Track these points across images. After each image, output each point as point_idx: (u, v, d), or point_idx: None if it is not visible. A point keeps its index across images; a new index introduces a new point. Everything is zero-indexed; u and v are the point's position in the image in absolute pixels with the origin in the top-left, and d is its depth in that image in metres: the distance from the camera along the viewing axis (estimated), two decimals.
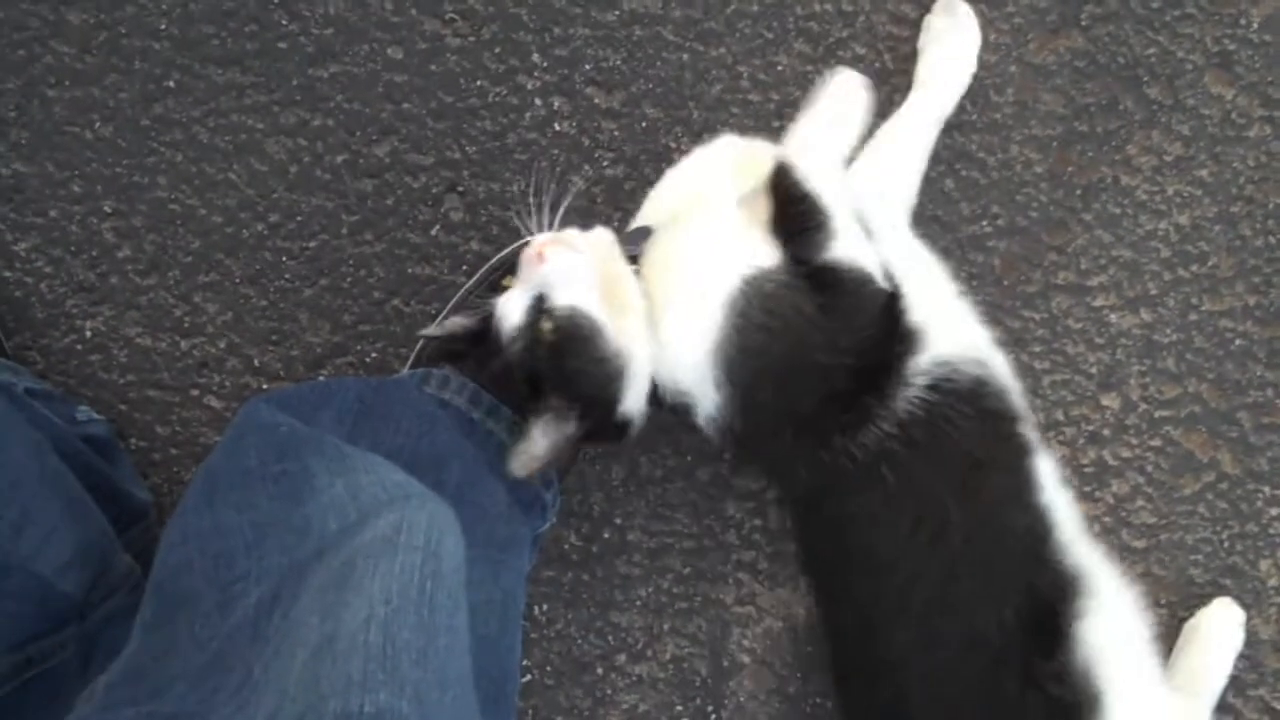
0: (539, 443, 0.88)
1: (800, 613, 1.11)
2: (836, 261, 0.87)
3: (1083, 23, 1.11)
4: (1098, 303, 1.11)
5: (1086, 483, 1.11)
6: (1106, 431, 1.11)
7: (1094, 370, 1.11)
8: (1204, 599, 1.10)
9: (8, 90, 1.13)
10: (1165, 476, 1.11)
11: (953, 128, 1.10)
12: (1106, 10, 1.11)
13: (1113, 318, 1.11)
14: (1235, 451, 1.11)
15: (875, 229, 0.92)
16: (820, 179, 0.89)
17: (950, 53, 1.07)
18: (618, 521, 1.12)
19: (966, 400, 0.87)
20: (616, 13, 1.12)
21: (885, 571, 0.88)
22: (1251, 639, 1.08)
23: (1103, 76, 1.11)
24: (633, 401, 0.90)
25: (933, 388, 0.86)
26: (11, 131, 1.13)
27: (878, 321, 0.88)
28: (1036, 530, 0.87)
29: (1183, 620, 1.08)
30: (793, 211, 0.88)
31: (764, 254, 0.88)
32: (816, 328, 0.87)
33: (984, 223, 1.11)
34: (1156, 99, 1.11)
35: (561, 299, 0.87)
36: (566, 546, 1.12)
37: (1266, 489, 1.11)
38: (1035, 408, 0.96)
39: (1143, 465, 1.11)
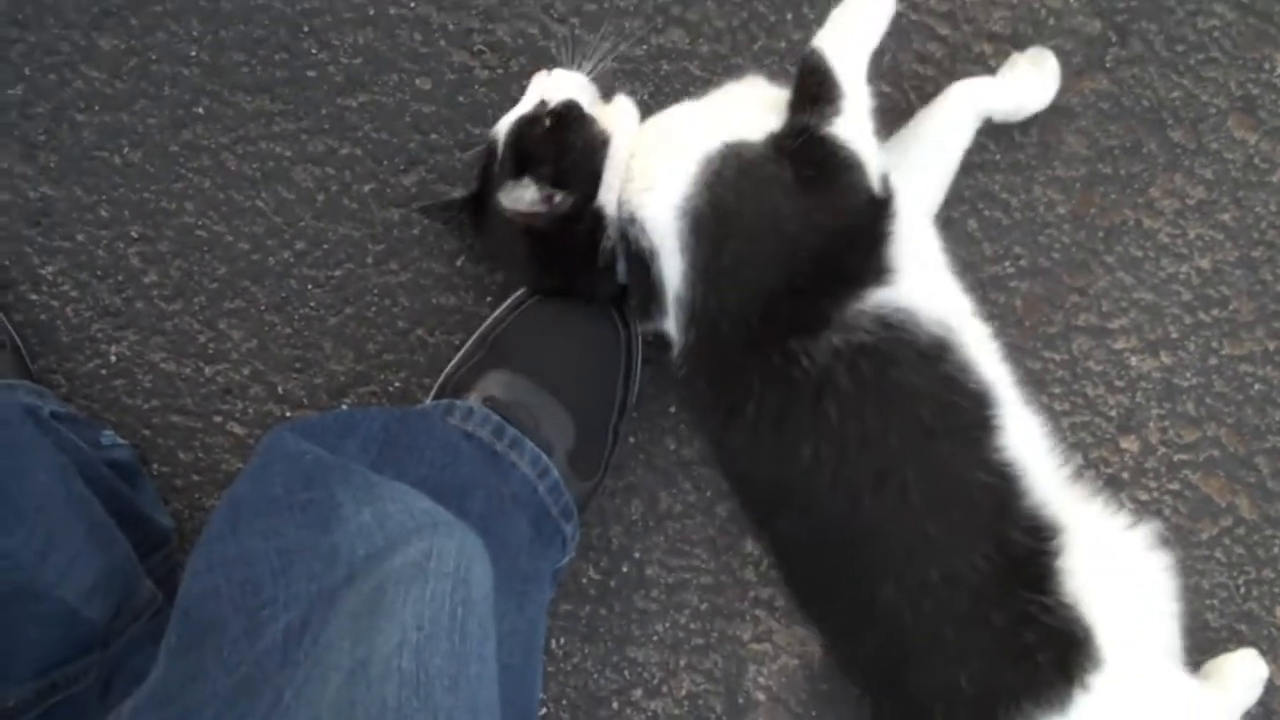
0: (530, 187, 0.99)
1: (816, 651, 1.14)
2: (834, 136, 0.93)
3: (1108, 65, 1.15)
4: (1118, 345, 1.15)
5: None
6: (1125, 475, 1.15)
7: (1114, 413, 1.15)
8: (1219, 644, 1.13)
9: (38, 114, 1.17)
10: (1183, 520, 1.15)
11: (975, 168, 1.14)
12: (1131, 53, 1.15)
13: (1133, 360, 1.15)
14: (1253, 497, 1.14)
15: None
16: (844, 60, 0.95)
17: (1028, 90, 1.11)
18: (636, 556, 1.16)
19: (923, 358, 0.92)
20: (645, 47, 1.16)
21: (845, 524, 0.94)
22: (1265, 684, 1.12)
23: (1127, 119, 1.15)
24: (609, 191, 1.00)
25: (890, 326, 0.91)
26: (40, 155, 1.17)
27: (857, 213, 0.93)
28: (999, 487, 0.92)
29: (1198, 664, 1.11)
30: (808, 83, 0.95)
31: (755, 131, 0.95)
32: (792, 197, 0.93)
33: (1006, 263, 1.15)
34: (1180, 142, 1.15)
35: (560, 97, 1.01)
36: (585, 580, 1.16)
37: None
38: (1055, 449, 1.00)
39: (1160, 509, 1.15)
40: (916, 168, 1.06)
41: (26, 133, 1.18)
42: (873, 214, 0.94)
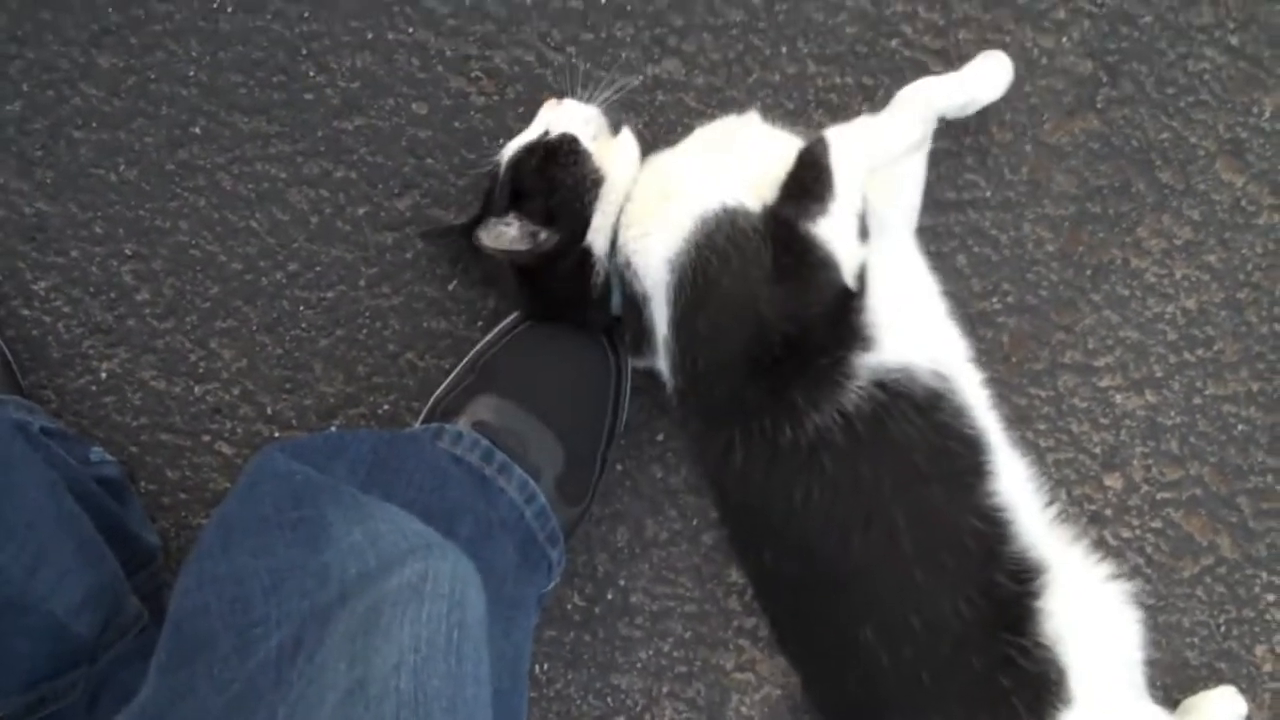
0: (513, 225, 1.03)
1: (799, 682, 1.17)
2: (813, 236, 0.96)
3: (1098, 105, 1.19)
4: (1103, 383, 1.19)
5: None
6: (1108, 512, 1.18)
7: (1098, 450, 1.18)
8: (1199, 682, 1.17)
9: (35, 130, 1.21)
10: (1165, 558, 1.18)
11: (966, 204, 1.18)
12: (1122, 94, 1.19)
13: (1118, 398, 1.18)
14: (1235, 536, 1.18)
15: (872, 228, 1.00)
16: (845, 165, 0.97)
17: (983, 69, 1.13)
18: (621, 583, 1.19)
19: (919, 411, 0.95)
20: (640, 77, 1.20)
21: (833, 563, 0.96)
22: None
23: (1116, 159, 1.19)
24: (599, 232, 1.04)
25: (882, 388, 0.94)
26: (37, 171, 1.21)
27: (825, 307, 0.96)
28: (988, 533, 0.95)
29: (1177, 702, 1.15)
30: (804, 175, 0.97)
31: (753, 199, 0.98)
32: (768, 281, 0.95)
33: (994, 299, 1.19)
34: (1168, 183, 1.19)
35: (561, 129, 1.04)
36: (569, 607, 1.19)
37: (1264, 575, 1.18)
38: (1040, 487, 1.04)
39: (1143, 546, 1.19)
40: (881, 180, 1.09)
41: (24, 148, 1.21)
42: (842, 302, 0.97)
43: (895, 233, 1.07)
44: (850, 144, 0.98)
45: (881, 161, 1.01)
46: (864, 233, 0.98)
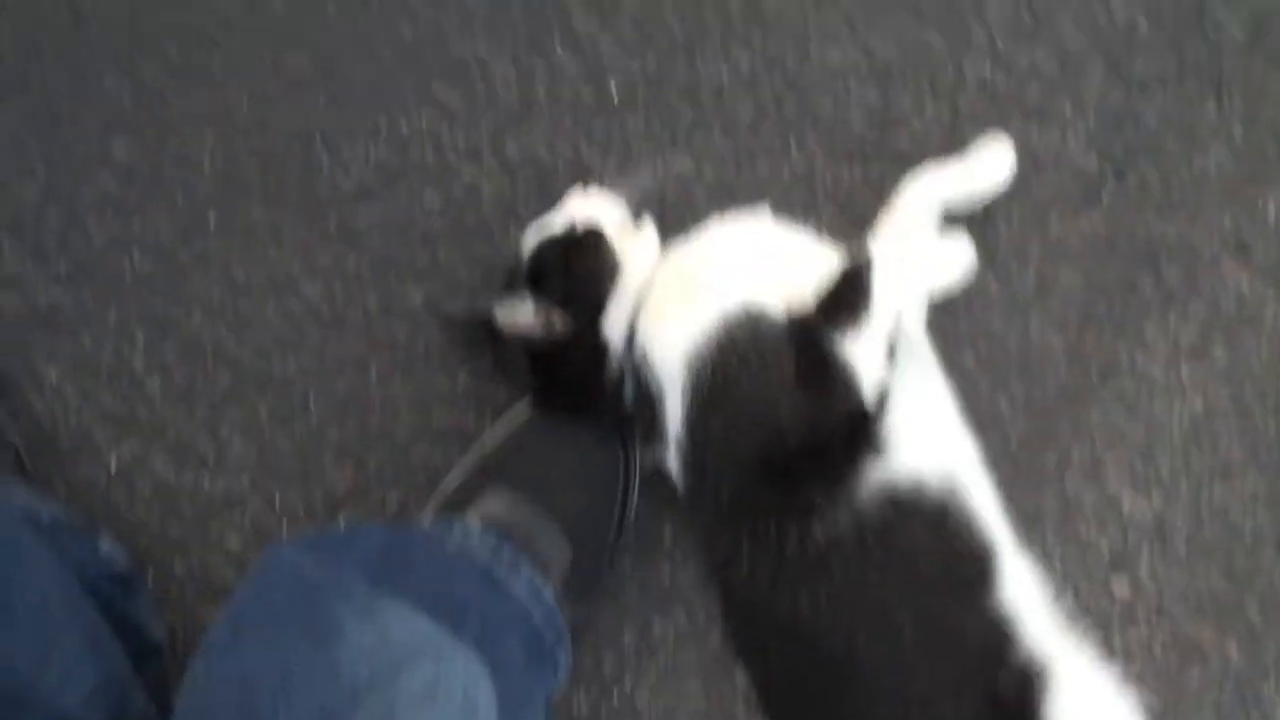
0: (530, 305, 1.05)
1: None
2: (843, 353, 0.97)
3: (1104, 203, 1.23)
4: (1111, 484, 1.21)
5: None
6: (1115, 614, 1.20)
7: (1105, 552, 1.20)
8: None
9: (51, 218, 1.24)
10: (1171, 663, 1.20)
11: (974, 304, 1.21)
12: (1127, 192, 1.23)
13: (1125, 500, 1.21)
14: (1242, 641, 1.20)
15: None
16: (888, 290, 0.99)
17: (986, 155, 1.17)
18: (627, 685, 1.21)
19: (927, 519, 0.97)
20: (661, 174, 1.23)
21: (836, 664, 0.97)
22: None
23: (1122, 257, 1.22)
24: (614, 322, 1.05)
25: (892, 494, 0.96)
26: (52, 259, 1.24)
27: (842, 423, 0.97)
28: (993, 638, 0.96)
29: None
30: (844, 293, 0.99)
31: (777, 302, 0.99)
32: (788, 388, 0.97)
33: (1001, 399, 1.21)
34: (1174, 282, 1.22)
35: (584, 218, 1.06)
36: (574, 709, 1.20)
37: (1272, 680, 1.20)
38: (1047, 591, 1.06)
39: (1150, 649, 1.20)
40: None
41: (39, 236, 1.24)
42: (860, 421, 0.98)
43: (910, 335, 1.10)
44: (897, 271, 1.00)
45: (924, 290, 1.04)
46: (891, 354, 1.00)
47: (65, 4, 1.28)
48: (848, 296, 0.99)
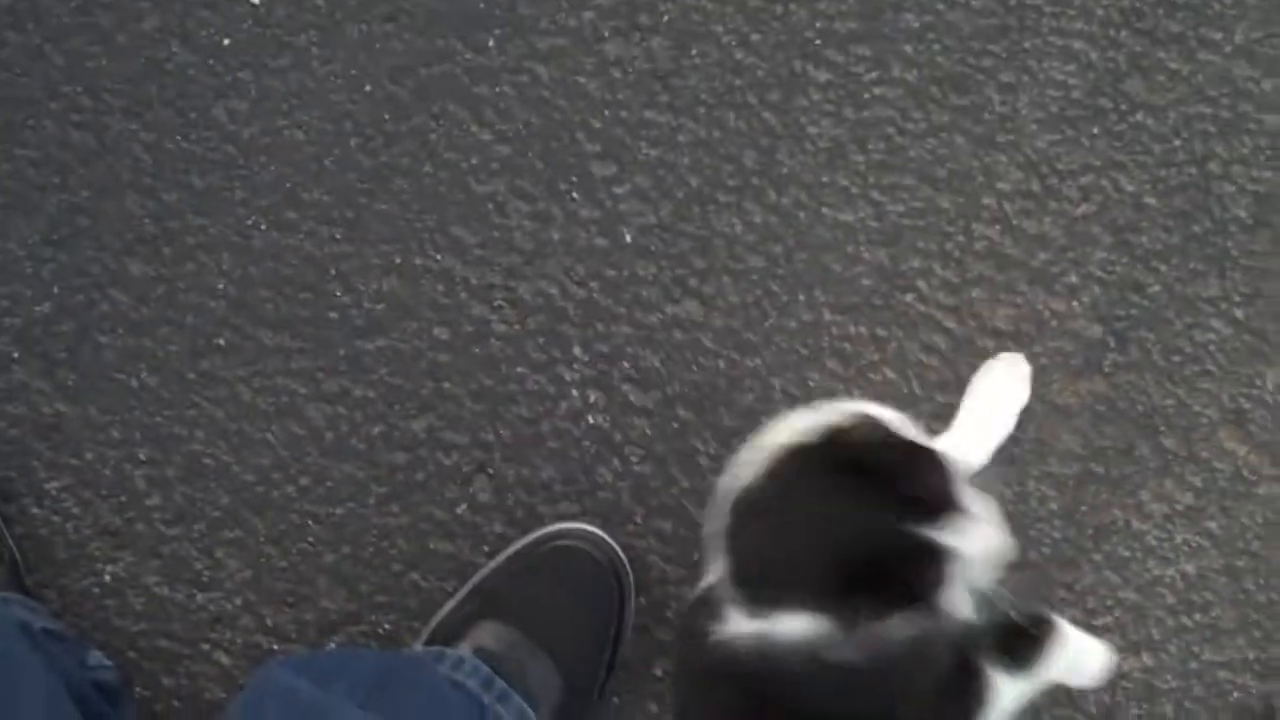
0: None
1: None
2: (997, 686, 1.07)
3: (1105, 369, 1.44)
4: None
5: None
6: None
7: (1094, 711, 1.36)
8: None
9: (62, 332, 1.45)
10: None
11: None
12: (1129, 359, 1.44)
13: (1115, 659, 1.39)
14: None
15: None
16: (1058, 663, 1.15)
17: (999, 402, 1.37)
18: None
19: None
20: (659, 316, 1.45)
21: None
22: None
23: (1121, 422, 1.43)
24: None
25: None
26: (59, 372, 1.44)
27: None
28: None
29: None
30: (1027, 646, 1.12)
31: None
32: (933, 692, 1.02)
33: None
34: (1171, 449, 1.42)
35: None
36: None
37: None
38: None
39: None
40: None
41: (48, 349, 1.45)
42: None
43: None
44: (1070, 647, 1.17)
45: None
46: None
47: (92, 123, 1.49)
48: (1031, 651, 1.13)
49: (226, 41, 1.50)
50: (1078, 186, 1.48)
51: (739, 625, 0.90)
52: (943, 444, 1.16)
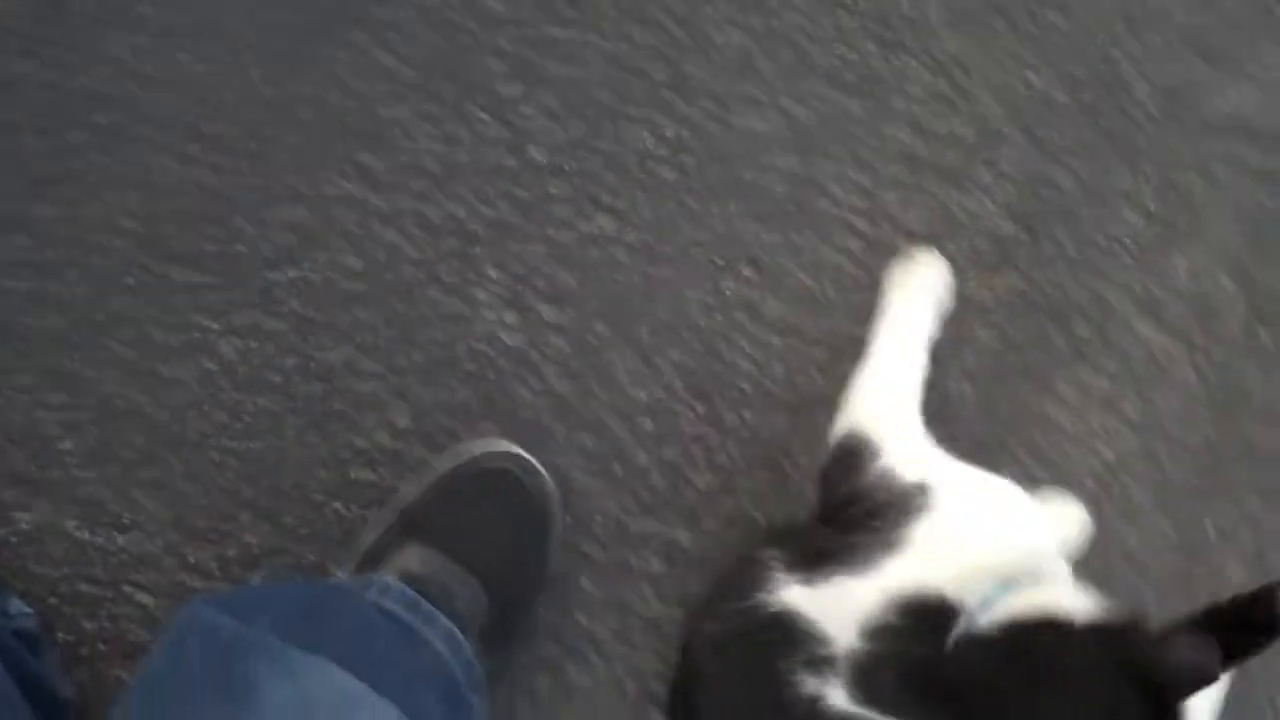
0: None
1: None
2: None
3: (1019, 264, 1.45)
4: None
5: None
6: None
7: None
8: None
9: None
10: None
11: None
12: (1042, 254, 1.45)
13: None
14: None
15: None
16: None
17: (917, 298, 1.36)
18: None
19: None
20: (572, 233, 1.44)
21: None
22: None
23: (1036, 315, 1.44)
24: None
25: None
26: None
27: None
28: None
29: None
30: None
31: None
32: None
33: None
34: (1086, 337, 1.44)
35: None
36: None
37: None
38: None
39: None
40: None
41: None
42: None
43: None
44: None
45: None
46: None
47: None
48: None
49: None
50: (988, 86, 1.48)
51: None
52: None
